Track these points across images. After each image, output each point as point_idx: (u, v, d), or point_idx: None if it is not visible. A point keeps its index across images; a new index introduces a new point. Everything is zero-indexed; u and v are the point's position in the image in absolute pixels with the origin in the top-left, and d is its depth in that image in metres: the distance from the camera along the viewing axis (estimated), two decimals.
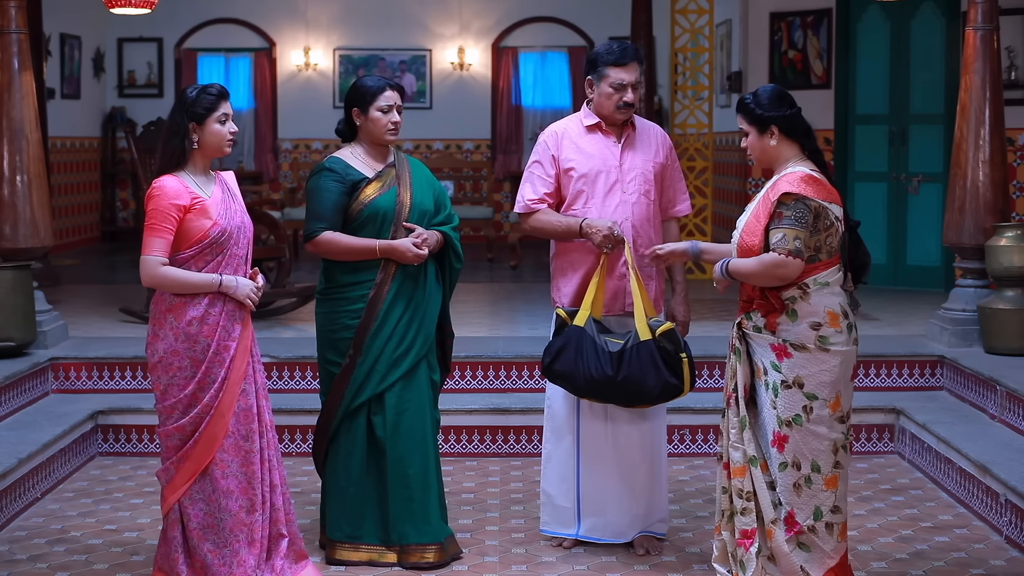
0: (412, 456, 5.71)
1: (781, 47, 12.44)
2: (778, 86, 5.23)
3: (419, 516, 5.72)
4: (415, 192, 5.80)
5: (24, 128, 8.19)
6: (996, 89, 8.28)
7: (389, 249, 5.65)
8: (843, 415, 5.04)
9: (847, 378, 5.05)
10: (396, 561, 5.74)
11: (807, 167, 5.06)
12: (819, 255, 4.99)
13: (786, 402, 5.01)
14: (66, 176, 15.75)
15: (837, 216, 5.00)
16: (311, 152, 17.61)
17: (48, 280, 11.03)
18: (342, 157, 5.83)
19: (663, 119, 15.53)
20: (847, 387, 5.06)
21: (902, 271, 11.76)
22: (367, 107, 5.77)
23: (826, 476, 5.03)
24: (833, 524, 5.05)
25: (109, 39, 17.30)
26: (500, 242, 15.93)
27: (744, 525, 5.12)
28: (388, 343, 5.69)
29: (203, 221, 5.11)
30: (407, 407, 5.72)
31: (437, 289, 5.85)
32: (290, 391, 8.04)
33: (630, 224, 5.85)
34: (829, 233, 4.98)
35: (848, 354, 5.03)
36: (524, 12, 17.56)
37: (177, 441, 5.19)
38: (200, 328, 5.12)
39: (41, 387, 7.90)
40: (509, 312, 10.62)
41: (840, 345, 4.99)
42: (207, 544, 5.19)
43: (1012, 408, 7.08)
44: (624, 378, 5.57)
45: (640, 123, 6.03)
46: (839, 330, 4.99)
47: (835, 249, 5.03)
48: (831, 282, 5.01)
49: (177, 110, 5.17)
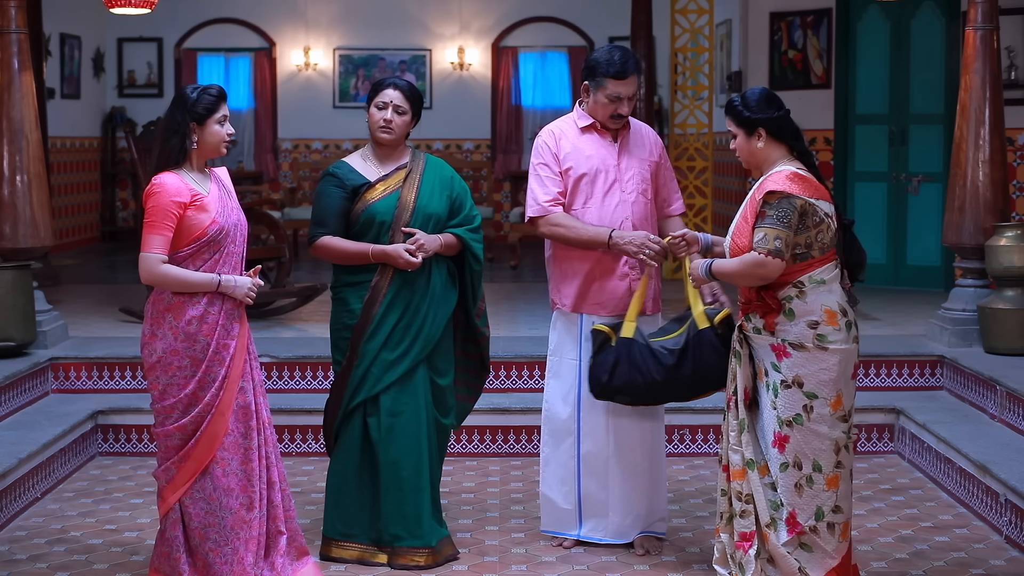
0: (405, 459, 5.69)
1: (781, 47, 12.43)
2: (767, 88, 5.30)
3: (411, 519, 5.71)
4: (421, 195, 5.76)
5: (24, 128, 8.19)
6: (996, 89, 8.28)
7: (381, 254, 5.64)
8: (844, 414, 5.03)
9: (848, 376, 5.04)
10: (386, 562, 5.73)
11: (794, 166, 5.09)
12: (811, 252, 5.00)
13: (786, 402, 5.01)
14: (66, 176, 15.76)
15: (827, 212, 5.01)
16: (311, 152, 17.61)
17: (48, 280, 11.03)
18: (350, 161, 5.85)
19: (663, 119, 15.53)
20: (848, 385, 5.05)
21: (902, 271, 11.75)
22: (369, 103, 5.79)
23: (827, 476, 5.02)
24: (835, 524, 5.05)
25: (109, 39, 17.31)
26: (500, 242, 15.93)
27: (743, 528, 5.13)
28: (384, 347, 5.67)
29: (202, 217, 5.10)
30: (402, 410, 5.70)
31: (448, 292, 5.81)
32: (290, 391, 8.04)
33: (630, 223, 5.85)
34: (820, 230, 4.99)
35: (848, 352, 5.02)
36: (524, 12, 17.56)
37: (178, 441, 5.18)
38: (200, 327, 5.12)
39: (41, 387, 7.90)
40: (509, 312, 10.62)
41: (839, 343, 4.99)
42: (208, 543, 5.19)
43: (1012, 408, 7.08)
44: (692, 371, 5.54)
45: (633, 123, 6.03)
46: (837, 328, 4.99)
47: (828, 246, 5.03)
48: (827, 279, 5.02)
49: (177, 109, 5.17)
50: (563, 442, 5.99)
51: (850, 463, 5.11)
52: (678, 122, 13.25)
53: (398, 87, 5.79)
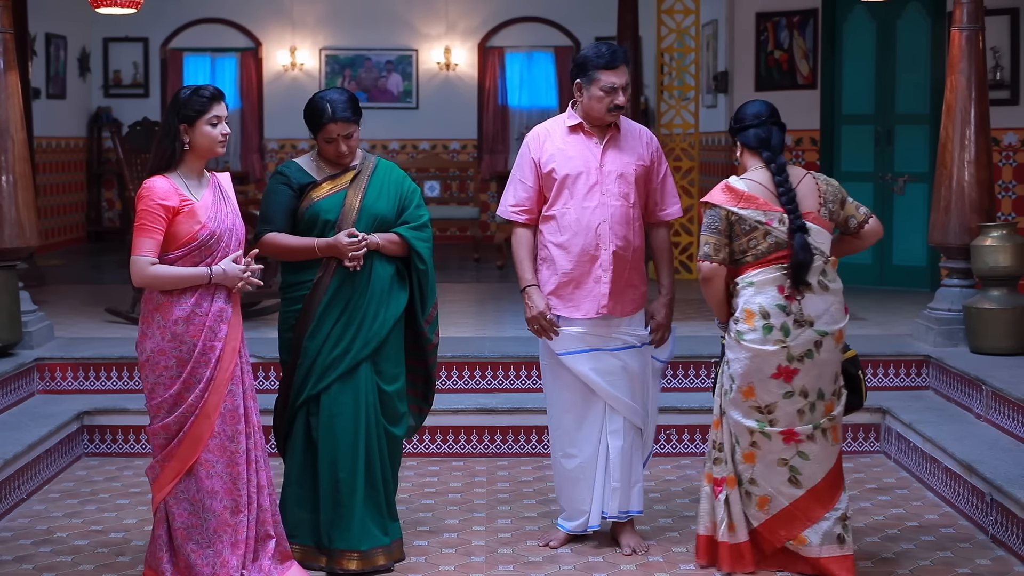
0: (343, 461, 5.65)
1: (767, 47, 12.46)
2: (755, 102, 5.72)
3: (344, 522, 5.66)
4: (368, 196, 5.75)
5: (9, 128, 8.17)
6: (981, 89, 8.30)
7: (327, 247, 5.62)
8: (759, 407, 5.47)
9: (765, 375, 5.43)
10: (324, 565, 5.71)
11: (746, 177, 5.57)
12: (745, 257, 5.48)
13: (722, 378, 5.63)
14: (52, 176, 15.72)
15: (759, 220, 5.41)
16: (297, 152, 17.58)
17: (34, 280, 11.00)
18: (299, 161, 5.87)
19: (649, 119, 15.54)
20: (765, 383, 5.44)
21: (888, 271, 11.79)
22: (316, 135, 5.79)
23: (744, 451, 5.54)
24: (752, 494, 5.57)
25: (95, 39, 17.26)
26: (486, 242, 15.93)
27: (717, 473, 5.62)
28: (324, 344, 5.65)
29: (191, 224, 5.10)
30: (341, 410, 5.65)
31: (396, 293, 5.76)
32: (275, 391, 7.99)
33: (607, 227, 5.84)
34: (752, 237, 5.44)
35: (763, 353, 5.41)
36: (510, 12, 17.56)
37: (163, 440, 5.18)
38: (186, 328, 5.11)
39: (27, 388, 7.88)
40: (496, 312, 10.62)
41: (752, 343, 5.41)
42: (191, 544, 5.18)
43: (997, 408, 7.10)
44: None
45: (626, 125, 6.02)
46: (752, 328, 5.42)
47: (764, 252, 5.43)
48: (756, 282, 5.44)
49: (170, 111, 5.18)
50: (584, 450, 6.04)
51: (774, 453, 5.50)
52: (664, 122, 13.26)
53: (338, 118, 5.70)
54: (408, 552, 5.92)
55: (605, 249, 5.83)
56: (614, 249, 5.84)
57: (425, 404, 6.06)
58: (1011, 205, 11.10)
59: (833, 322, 5.47)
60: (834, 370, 5.53)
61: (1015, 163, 11.12)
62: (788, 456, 5.49)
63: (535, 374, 7.94)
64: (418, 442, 7.65)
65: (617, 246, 5.85)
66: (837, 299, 5.50)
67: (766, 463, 5.51)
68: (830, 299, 5.46)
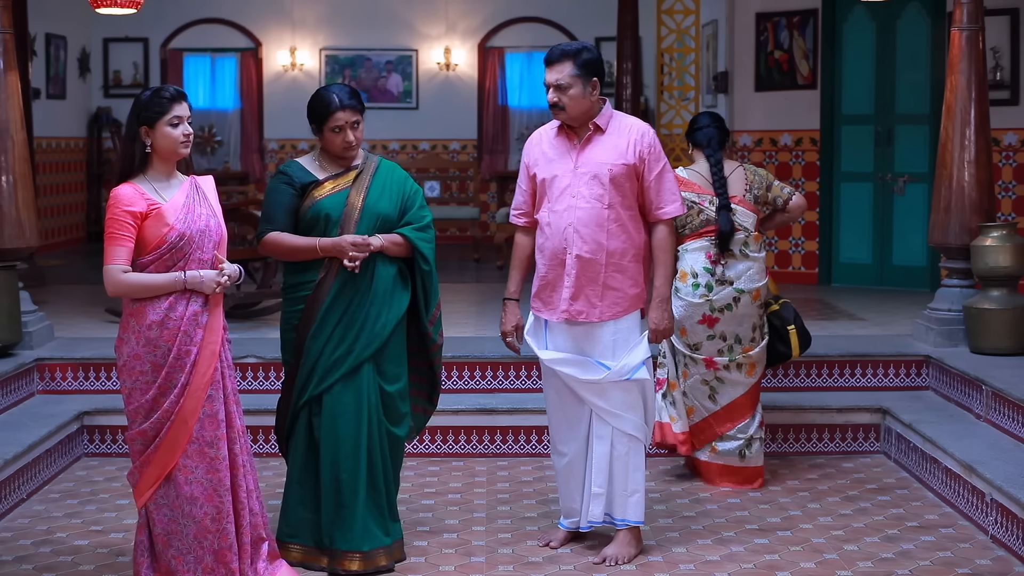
0: (345, 461, 5.65)
1: (767, 47, 12.45)
2: (704, 114, 7.13)
3: (346, 523, 5.66)
4: (370, 195, 5.75)
5: (9, 128, 8.17)
6: (981, 89, 8.30)
7: (330, 246, 5.62)
8: (690, 344, 6.91)
9: (694, 321, 6.84)
10: (326, 565, 5.71)
11: (692, 168, 6.96)
12: (684, 231, 6.84)
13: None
14: (52, 176, 15.72)
15: (693, 201, 6.79)
16: (297, 152, 17.57)
17: (34, 281, 10.99)
18: (301, 160, 5.87)
19: (649, 119, 15.53)
20: (695, 328, 6.87)
21: (888, 271, 11.78)
22: (321, 129, 5.79)
23: (681, 369, 6.98)
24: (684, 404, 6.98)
25: (95, 39, 17.26)
26: (487, 242, 15.92)
27: (659, 375, 6.98)
28: (327, 345, 5.65)
29: (159, 227, 5.04)
30: (344, 411, 5.65)
31: (398, 294, 5.76)
32: (275, 391, 8.00)
33: (573, 229, 5.78)
34: (689, 214, 6.79)
35: (692, 305, 6.82)
36: (510, 12, 17.55)
37: (140, 446, 5.14)
38: (160, 333, 5.06)
39: (27, 388, 7.88)
40: (496, 312, 10.57)
41: (685, 296, 6.83)
42: (171, 550, 5.15)
43: (997, 408, 7.09)
44: None
45: (616, 123, 5.92)
46: (685, 284, 6.84)
47: (697, 226, 6.83)
48: (690, 250, 6.85)
49: (131, 114, 5.14)
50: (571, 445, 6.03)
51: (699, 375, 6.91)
52: (664, 122, 13.27)
53: (345, 106, 5.73)
54: (408, 552, 5.92)
55: (570, 253, 5.80)
56: (578, 253, 5.77)
57: (429, 405, 6.07)
58: (1011, 205, 11.11)
59: (751, 282, 6.83)
60: (752, 321, 6.88)
61: (1015, 163, 11.12)
62: (709, 379, 6.93)
63: (535, 374, 7.94)
64: (418, 442, 7.64)
65: (583, 249, 5.77)
66: (757, 265, 6.86)
67: (693, 381, 6.95)
68: (750, 263, 6.83)
